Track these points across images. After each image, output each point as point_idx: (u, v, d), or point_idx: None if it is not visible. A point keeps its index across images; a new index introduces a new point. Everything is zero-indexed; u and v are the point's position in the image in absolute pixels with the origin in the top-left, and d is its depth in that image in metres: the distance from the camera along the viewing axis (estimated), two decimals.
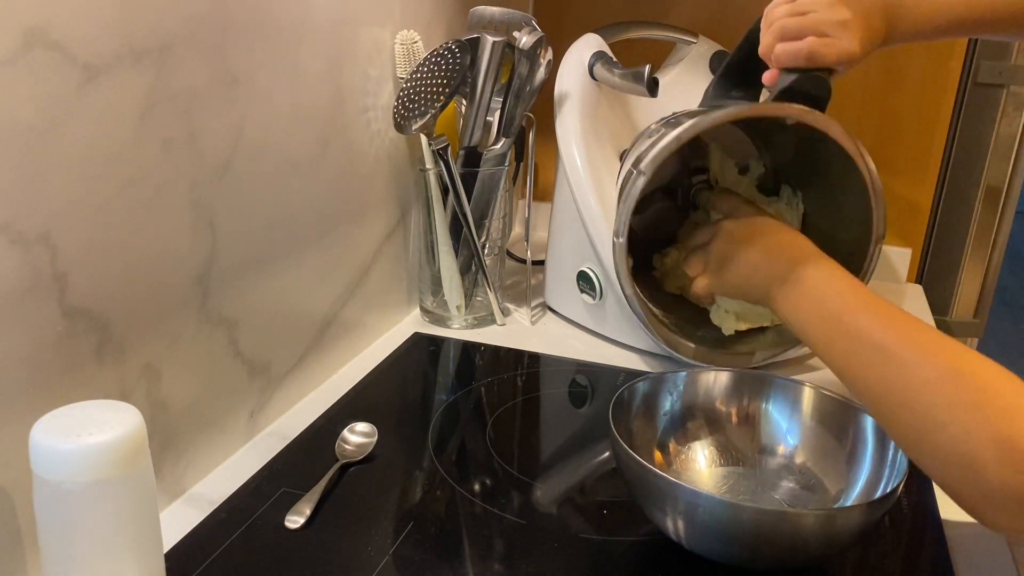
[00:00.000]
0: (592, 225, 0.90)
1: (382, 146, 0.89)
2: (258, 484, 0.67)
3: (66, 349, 0.54)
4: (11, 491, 0.51)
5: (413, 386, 0.87)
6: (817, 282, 0.65)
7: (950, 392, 0.51)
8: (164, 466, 0.63)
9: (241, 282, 0.70)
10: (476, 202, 0.94)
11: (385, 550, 0.60)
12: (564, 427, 0.81)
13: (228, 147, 0.66)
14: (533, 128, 0.96)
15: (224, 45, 0.64)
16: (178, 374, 0.63)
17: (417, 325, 0.99)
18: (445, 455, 0.73)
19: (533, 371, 0.89)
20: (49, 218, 0.51)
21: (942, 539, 0.63)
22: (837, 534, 0.54)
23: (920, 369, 0.53)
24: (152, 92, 0.57)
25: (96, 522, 0.46)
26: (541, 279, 1.06)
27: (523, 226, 1.29)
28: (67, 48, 0.50)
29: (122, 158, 0.56)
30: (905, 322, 0.57)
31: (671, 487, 0.55)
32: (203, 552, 0.59)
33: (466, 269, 0.97)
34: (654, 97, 0.88)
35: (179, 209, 0.62)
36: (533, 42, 0.88)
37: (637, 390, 0.67)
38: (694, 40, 1.06)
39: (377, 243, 0.91)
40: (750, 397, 0.69)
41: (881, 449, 0.61)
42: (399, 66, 0.89)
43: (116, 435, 0.45)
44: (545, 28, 0.90)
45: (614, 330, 0.95)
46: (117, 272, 0.57)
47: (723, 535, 0.55)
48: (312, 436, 0.74)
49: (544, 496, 0.67)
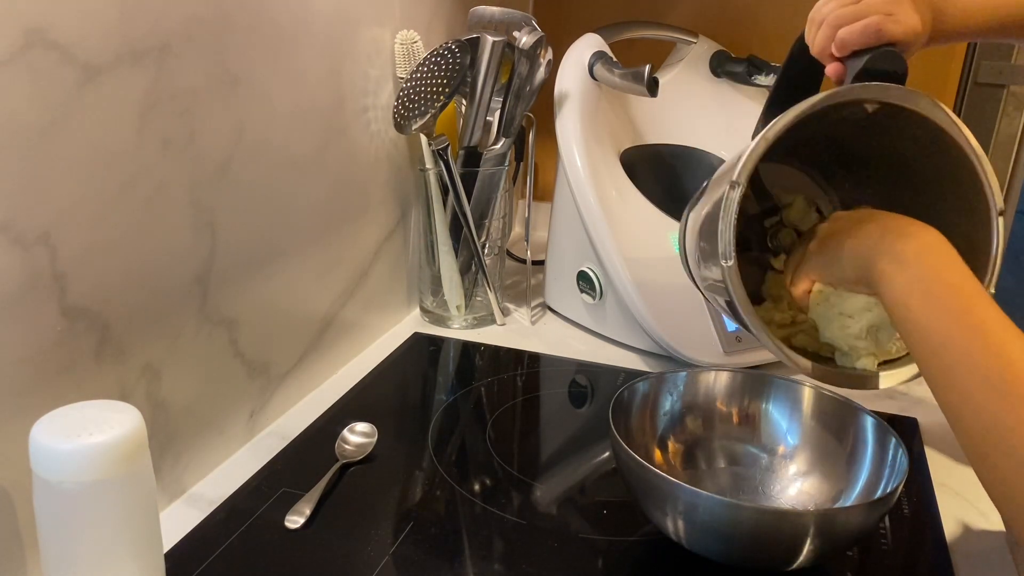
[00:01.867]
0: (592, 225, 0.90)
1: (382, 146, 0.89)
2: (258, 484, 0.67)
3: (66, 349, 0.54)
4: (11, 491, 0.51)
5: (413, 386, 0.87)
6: (942, 266, 0.55)
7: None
8: (164, 466, 0.63)
9: (241, 282, 0.70)
10: (476, 202, 0.94)
11: (385, 550, 0.60)
12: (564, 427, 0.81)
13: (228, 147, 0.66)
14: (533, 128, 0.96)
15: (224, 45, 0.64)
16: (178, 374, 0.63)
17: (417, 325, 0.99)
18: (445, 455, 0.73)
19: (533, 371, 0.89)
20: (49, 218, 0.51)
21: (942, 539, 0.63)
22: (837, 534, 0.54)
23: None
24: (152, 92, 0.57)
25: (96, 522, 0.46)
26: (541, 279, 1.06)
27: (523, 226, 1.29)
28: (67, 48, 0.50)
29: (122, 158, 0.56)
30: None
31: (671, 487, 0.55)
32: (203, 552, 0.59)
33: (466, 269, 0.97)
34: (654, 97, 0.88)
35: (179, 209, 0.62)
36: (533, 42, 0.88)
37: (637, 390, 0.67)
38: (694, 40, 1.06)
39: (377, 243, 0.91)
40: (750, 397, 0.69)
41: (881, 449, 0.61)
42: (399, 66, 0.89)
43: (116, 435, 0.45)
44: (545, 28, 0.90)
45: (614, 330, 0.95)
46: (117, 272, 0.57)
47: (723, 535, 0.55)
48: (312, 436, 0.74)
49: (544, 496, 0.67)
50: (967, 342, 0.50)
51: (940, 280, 0.54)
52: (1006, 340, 0.49)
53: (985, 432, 0.48)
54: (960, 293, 0.53)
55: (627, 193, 0.93)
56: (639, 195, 0.94)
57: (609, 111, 0.98)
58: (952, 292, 0.53)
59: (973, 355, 0.50)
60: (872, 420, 0.63)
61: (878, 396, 0.85)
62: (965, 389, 0.49)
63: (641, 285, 0.88)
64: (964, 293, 0.53)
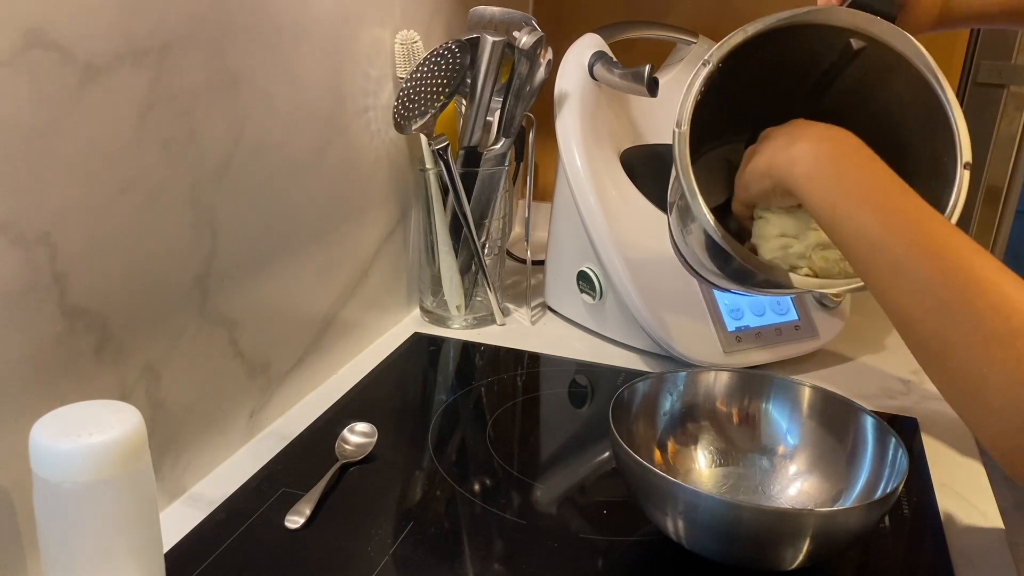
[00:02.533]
0: (592, 225, 0.90)
1: (382, 146, 0.89)
2: (258, 484, 0.67)
3: (66, 349, 0.54)
4: (11, 491, 0.51)
5: (413, 386, 0.87)
6: (862, 166, 0.55)
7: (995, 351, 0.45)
8: (164, 466, 0.63)
9: (241, 282, 0.70)
10: (476, 202, 0.94)
11: (385, 550, 0.60)
12: (564, 427, 0.81)
13: (228, 147, 0.66)
14: (533, 128, 0.96)
15: (224, 45, 0.64)
16: (178, 374, 0.63)
17: (417, 325, 0.99)
18: (445, 455, 0.73)
19: (533, 371, 0.89)
20: (49, 218, 0.51)
21: (942, 539, 0.63)
22: (837, 534, 0.54)
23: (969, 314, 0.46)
24: (152, 92, 0.57)
25: (96, 522, 0.46)
26: (541, 279, 1.06)
27: (523, 226, 1.29)
28: (67, 48, 0.50)
29: (122, 158, 0.56)
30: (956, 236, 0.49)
31: (671, 487, 0.55)
32: (203, 552, 0.59)
33: (466, 269, 0.97)
34: (654, 97, 0.88)
35: (179, 209, 0.62)
36: (533, 42, 0.88)
37: (637, 390, 0.67)
38: (694, 40, 1.06)
39: (377, 243, 0.91)
40: (750, 397, 0.69)
41: (881, 449, 0.61)
42: (399, 66, 0.89)
43: (116, 435, 0.45)
44: (545, 28, 0.90)
45: (614, 330, 0.95)
46: (117, 272, 0.57)
47: (723, 535, 0.55)
48: (312, 436, 0.74)
49: (544, 496, 0.67)
50: (902, 238, 0.50)
51: (861, 177, 0.54)
52: (945, 237, 0.49)
53: (928, 339, 0.48)
54: (884, 190, 0.53)
55: (627, 193, 0.93)
56: (639, 195, 0.94)
57: (609, 111, 0.98)
58: (876, 189, 0.53)
59: (912, 256, 0.49)
60: (872, 420, 0.63)
61: (878, 396, 0.85)
62: (907, 287, 0.49)
63: (641, 285, 0.88)
64: (888, 189, 0.53)
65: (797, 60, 0.71)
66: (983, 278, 0.47)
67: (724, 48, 0.67)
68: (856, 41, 0.68)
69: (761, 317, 0.90)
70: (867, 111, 0.73)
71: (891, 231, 0.51)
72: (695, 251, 0.72)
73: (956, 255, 0.48)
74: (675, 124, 0.68)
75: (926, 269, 0.49)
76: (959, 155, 0.67)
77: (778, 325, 0.90)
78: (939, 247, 0.49)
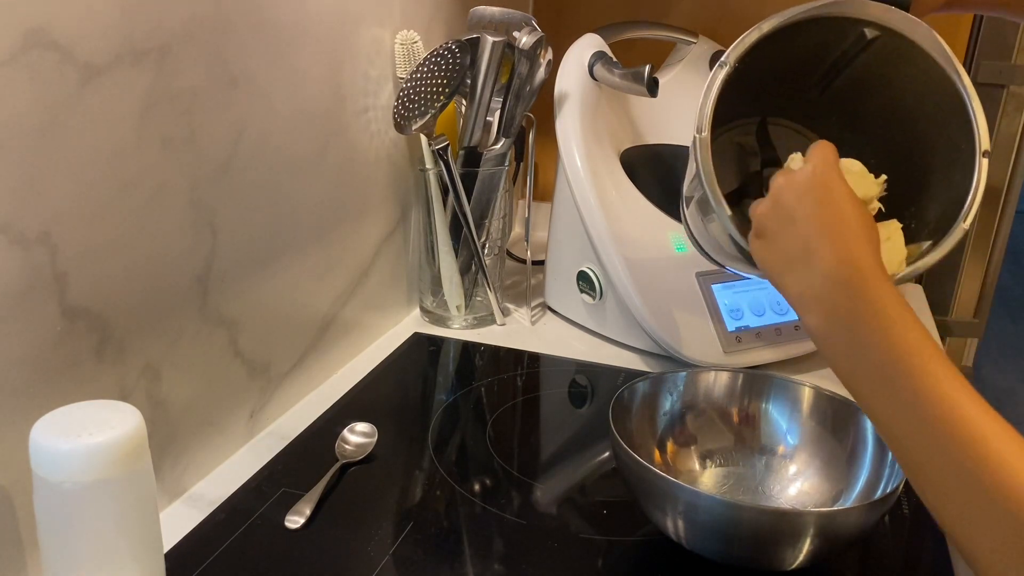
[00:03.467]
0: (592, 225, 0.90)
1: (382, 146, 0.89)
2: (258, 484, 0.67)
3: (66, 349, 0.54)
4: (11, 491, 0.51)
5: (413, 386, 0.87)
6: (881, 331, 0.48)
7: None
8: (164, 466, 0.63)
9: (241, 282, 0.70)
10: (476, 202, 0.94)
11: (385, 550, 0.60)
12: (564, 427, 0.81)
13: (228, 147, 0.66)
14: (533, 128, 0.96)
15: (224, 45, 0.64)
16: (178, 374, 0.63)
17: (417, 325, 0.99)
18: (445, 455, 0.73)
19: (533, 371, 0.90)
20: (49, 218, 0.51)
21: (942, 539, 0.63)
22: (837, 534, 0.54)
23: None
24: (152, 92, 0.57)
25: (96, 522, 0.46)
26: (541, 279, 1.06)
27: (523, 226, 1.29)
28: (67, 48, 0.50)
29: (122, 158, 0.56)
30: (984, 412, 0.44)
31: (671, 487, 0.55)
32: (203, 552, 0.59)
33: (466, 269, 0.97)
34: (654, 97, 0.88)
35: (179, 209, 0.62)
36: (533, 42, 0.88)
37: (637, 390, 0.67)
38: (694, 40, 1.06)
39: (377, 243, 0.91)
40: (750, 397, 0.69)
41: (881, 449, 0.61)
42: (399, 66, 0.89)
43: (116, 435, 0.45)
44: (545, 28, 0.90)
45: (614, 330, 0.95)
46: (117, 272, 0.57)
47: (723, 535, 0.55)
48: (312, 436, 0.74)
49: (544, 496, 0.67)
50: (922, 439, 0.46)
51: (878, 354, 0.48)
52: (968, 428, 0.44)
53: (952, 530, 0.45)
54: (901, 366, 0.47)
55: (627, 193, 0.93)
56: (639, 195, 0.94)
57: (609, 111, 0.98)
58: (892, 364, 0.47)
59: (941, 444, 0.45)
60: None
61: None
62: (930, 489, 0.46)
63: (641, 285, 0.88)
64: (905, 366, 0.47)
65: (809, 48, 0.71)
66: (1010, 478, 0.42)
67: (740, 48, 0.66)
68: (870, 30, 0.67)
69: (761, 317, 0.91)
70: (880, 99, 0.74)
71: (911, 428, 0.46)
72: (717, 239, 0.71)
73: (981, 450, 0.43)
74: (695, 130, 0.67)
75: (952, 479, 0.45)
76: (977, 144, 0.66)
77: (778, 325, 0.90)
78: (960, 445, 0.44)
